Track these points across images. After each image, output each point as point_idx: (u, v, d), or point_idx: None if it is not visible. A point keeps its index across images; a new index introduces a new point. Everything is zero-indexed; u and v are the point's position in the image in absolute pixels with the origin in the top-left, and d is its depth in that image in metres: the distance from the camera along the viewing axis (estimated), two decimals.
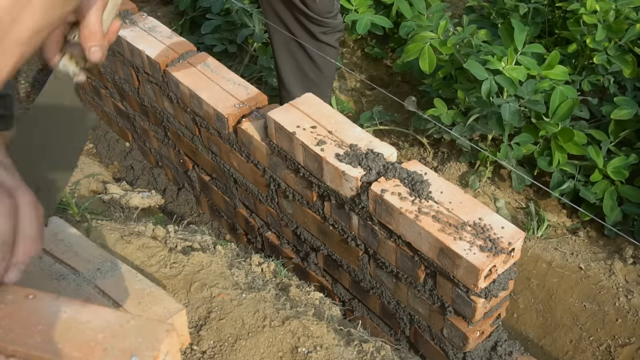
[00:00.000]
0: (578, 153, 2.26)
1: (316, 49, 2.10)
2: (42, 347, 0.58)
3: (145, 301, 1.07)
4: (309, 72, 2.16)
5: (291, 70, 2.17)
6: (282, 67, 2.17)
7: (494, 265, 1.25)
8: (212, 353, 1.22)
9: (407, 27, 2.66)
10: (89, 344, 0.58)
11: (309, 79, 2.18)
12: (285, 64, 2.16)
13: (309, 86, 2.15)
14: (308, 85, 2.16)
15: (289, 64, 2.16)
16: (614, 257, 2.11)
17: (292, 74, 2.17)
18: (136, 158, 2.53)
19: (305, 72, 2.16)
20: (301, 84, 2.17)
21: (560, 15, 2.68)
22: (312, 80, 2.18)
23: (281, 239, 1.93)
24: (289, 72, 2.17)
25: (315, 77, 2.18)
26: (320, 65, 2.15)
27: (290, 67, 2.16)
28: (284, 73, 2.18)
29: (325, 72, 2.19)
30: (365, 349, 1.31)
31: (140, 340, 0.57)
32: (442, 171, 2.51)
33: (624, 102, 2.25)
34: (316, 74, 2.17)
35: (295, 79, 2.17)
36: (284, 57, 2.15)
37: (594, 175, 2.25)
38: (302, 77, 2.17)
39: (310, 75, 2.17)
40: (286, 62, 2.16)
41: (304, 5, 1.98)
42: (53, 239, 1.18)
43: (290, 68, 2.16)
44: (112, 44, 0.93)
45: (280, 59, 2.16)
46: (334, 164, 1.44)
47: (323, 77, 2.19)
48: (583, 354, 1.90)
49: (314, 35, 2.07)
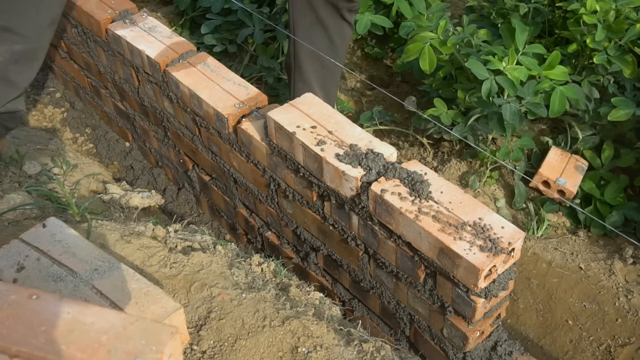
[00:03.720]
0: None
1: (338, 29, 2.11)
2: (46, 348, 0.58)
3: (142, 301, 1.07)
4: (325, 54, 2.16)
5: (309, 56, 2.17)
6: (300, 52, 2.17)
7: (494, 265, 1.25)
8: (212, 353, 1.22)
9: (407, 27, 2.66)
10: (93, 345, 0.58)
11: (324, 65, 2.18)
12: (304, 48, 2.15)
13: (324, 72, 2.17)
14: (323, 72, 2.18)
15: (308, 50, 2.15)
16: (614, 257, 2.11)
17: (309, 59, 2.18)
18: (136, 158, 2.53)
19: (322, 59, 2.16)
20: (319, 71, 2.18)
21: (560, 15, 2.68)
22: (327, 66, 2.19)
23: (281, 239, 1.93)
24: (306, 57, 2.17)
25: (330, 63, 2.18)
26: (338, 48, 2.17)
27: (309, 52, 2.16)
28: (302, 60, 2.18)
29: (339, 54, 2.20)
30: (365, 349, 1.31)
31: (144, 343, 0.57)
32: (442, 171, 2.51)
33: (622, 102, 2.25)
34: (333, 57, 2.17)
35: (313, 64, 2.18)
36: (303, 42, 2.14)
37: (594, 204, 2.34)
38: (320, 64, 2.18)
39: (326, 62, 2.17)
40: (305, 48, 2.15)
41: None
42: (51, 240, 1.18)
43: (308, 53, 2.16)
44: (112, 44, 0.94)
45: (300, 44, 2.15)
46: (334, 164, 1.44)
47: (338, 58, 2.20)
48: (583, 354, 1.91)
49: (340, 12, 2.08)
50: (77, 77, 2.63)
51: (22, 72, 1.79)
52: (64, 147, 2.40)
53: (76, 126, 2.65)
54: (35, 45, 1.77)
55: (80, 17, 2.23)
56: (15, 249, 1.15)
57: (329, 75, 2.19)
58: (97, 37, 2.19)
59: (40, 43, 1.80)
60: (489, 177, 2.46)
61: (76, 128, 2.65)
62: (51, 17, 1.78)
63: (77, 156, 2.40)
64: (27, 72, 1.82)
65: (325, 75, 2.16)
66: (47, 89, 2.81)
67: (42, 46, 1.82)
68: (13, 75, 1.76)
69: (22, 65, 1.77)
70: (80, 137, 2.61)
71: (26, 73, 1.81)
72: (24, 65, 1.78)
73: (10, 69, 1.74)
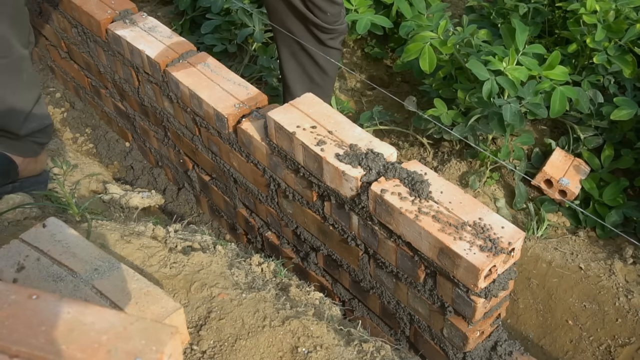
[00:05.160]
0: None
1: (322, 53, 2.14)
2: (46, 348, 0.58)
3: (142, 301, 1.07)
4: (314, 76, 2.19)
5: (297, 76, 2.20)
6: (288, 73, 2.21)
7: (494, 265, 1.25)
8: (212, 353, 1.22)
9: (407, 27, 2.66)
10: (93, 345, 0.58)
11: (314, 82, 2.21)
12: (291, 70, 2.19)
13: (314, 89, 2.17)
14: (313, 88, 2.19)
15: (295, 70, 2.19)
16: (614, 257, 2.11)
17: (298, 80, 2.21)
18: (136, 158, 2.53)
19: (312, 76, 2.20)
20: (307, 88, 2.20)
21: (560, 15, 2.68)
22: (317, 83, 2.22)
23: (281, 239, 1.93)
24: (295, 78, 2.21)
25: (320, 80, 2.21)
26: (325, 68, 2.19)
27: (296, 72, 2.19)
28: (290, 80, 2.22)
29: (329, 74, 2.22)
30: (365, 349, 1.31)
31: (144, 342, 0.57)
32: (442, 171, 2.51)
33: (624, 102, 2.25)
34: (321, 76, 2.21)
35: (302, 84, 2.21)
36: (290, 64, 2.18)
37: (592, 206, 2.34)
38: (308, 82, 2.21)
39: (315, 79, 2.20)
40: (292, 69, 2.19)
41: (315, 16, 2.01)
42: (51, 240, 1.18)
43: (296, 74, 2.20)
44: (112, 44, 0.93)
45: (287, 66, 2.19)
46: (334, 164, 1.44)
47: (328, 78, 2.23)
48: (583, 354, 1.91)
49: (322, 41, 2.11)
50: (77, 77, 2.63)
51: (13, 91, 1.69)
52: (64, 147, 2.41)
53: (76, 126, 2.66)
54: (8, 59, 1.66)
55: (80, 17, 2.23)
56: (15, 249, 1.15)
57: (318, 89, 2.19)
58: (97, 37, 2.19)
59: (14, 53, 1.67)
60: (489, 177, 2.46)
61: (76, 128, 2.65)
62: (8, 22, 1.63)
63: (77, 156, 2.40)
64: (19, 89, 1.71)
65: (314, 89, 2.16)
66: (47, 89, 2.81)
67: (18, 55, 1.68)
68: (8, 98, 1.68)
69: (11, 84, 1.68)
70: (80, 137, 2.61)
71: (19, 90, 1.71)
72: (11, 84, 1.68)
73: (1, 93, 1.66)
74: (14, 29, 1.66)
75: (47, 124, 1.82)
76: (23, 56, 1.71)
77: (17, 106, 1.71)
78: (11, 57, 1.67)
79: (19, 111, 1.72)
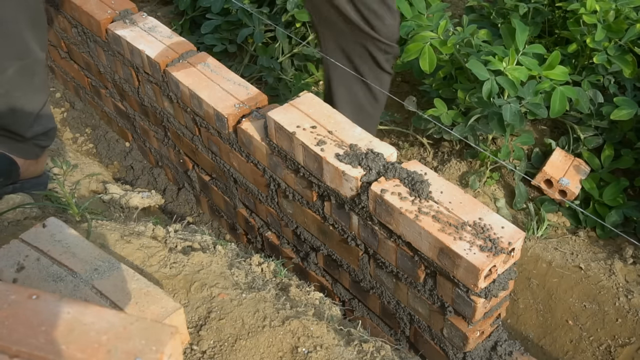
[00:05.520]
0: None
1: (376, 79, 2.00)
2: (46, 348, 0.58)
3: (142, 301, 1.07)
4: (365, 104, 2.06)
5: (348, 105, 2.05)
6: (339, 102, 2.05)
7: (494, 265, 1.25)
8: (212, 353, 1.22)
9: (407, 27, 2.66)
10: (93, 345, 0.58)
11: (365, 111, 2.08)
12: (342, 99, 2.05)
13: (364, 117, 2.06)
14: (363, 117, 2.06)
15: (346, 99, 2.05)
16: (614, 257, 2.11)
17: (348, 108, 2.05)
18: (136, 158, 2.53)
19: (362, 105, 2.06)
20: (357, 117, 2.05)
21: (560, 15, 2.68)
22: (367, 111, 2.09)
23: (281, 239, 1.93)
24: (345, 106, 2.05)
25: (371, 108, 2.08)
26: (377, 95, 2.06)
27: (348, 101, 2.05)
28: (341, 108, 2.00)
29: (380, 101, 2.09)
30: (365, 349, 1.31)
31: (144, 342, 0.57)
32: (442, 171, 2.51)
33: (624, 102, 2.25)
34: (372, 104, 2.07)
35: (353, 113, 2.02)
36: (341, 93, 2.04)
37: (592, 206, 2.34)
38: (358, 110, 2.07)
39: (366, 108, 2.07)
40: (343, 98, 2.05)
41: (372, 29, 1.86)
42: (51, 240, 1.18)
43: (347, 102, 2.05)
44: (112, 44, 0.92)
45: (338, 94, 2.05)
46: (334, 164, 1.44)
47: (377, 106, 2.09)
48: (583, 354, 1.91)
49: (379, 63, 1.97)
50: (77, 77, 2.63)
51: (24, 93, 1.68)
52: (64, 147, 2.41)
53: (76, 126, 2.66)
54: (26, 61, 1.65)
55: (80, 17, 2.23)
56: (15, 248, 1.15)
57: (368, 118, 2.09)
58: (97, 37, 2.19)
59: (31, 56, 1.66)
60: (489, 177, 2.46)
61: (76, 128, 2.65)
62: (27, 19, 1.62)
63: (77, 156, 2.40)
64: (30, 92, 1.69)
65: (364, 118, 2.05)
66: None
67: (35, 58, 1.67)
68: (19, 101, 1.67)
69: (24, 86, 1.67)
70: (80, 137, 2.61)
71: (30, 93, 1.69)
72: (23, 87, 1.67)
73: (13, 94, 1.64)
74: (33, 30, 1.64)
75: (50, 127, 1.81)
76: (39, 59, 1.69)
77: (27, 109, 1.70)
78: (28, 60, 1.65)
79: (28, 114, 1.71)
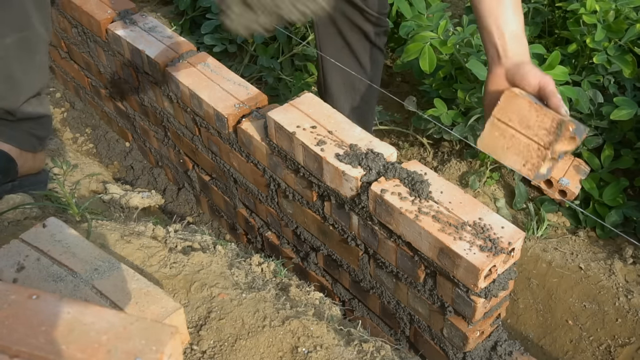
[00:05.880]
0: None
1: (368, 55, 2.03)
2: (46, 348, 0.58)
3: (142, 301, 1.07)
4: (358, 84, 2.08)
5: (341, 83, 2.08)
6: (331, 80, 2.08)
7: (494, 265, 1.25)
8: (212, 353, 1.23)
9: (407, 27, 2.66)
10: (93, 345, 0.58)
11: (358, 92, 2.10)
12: (334, 76, 2.07)
13: (359, 102, 2.09)
14: (358, 100, 2.10)
15: (339, 76, 2.07)
16: (614, 257, 2.11)
17: (341, 89, 2.09)
18: (136, 158, 2.53)
19: (357, 87, 2.08)
20: (351, 101, 2.09)
21: (560, 15, 2.68)
22: (360, 91, 2.10)
23: (281, 239, 1.93)
24: (338, 85, 2.09)
25: (364, 88, 2.10)
26: (370, 75, 2.08)
27: (340, 79, 2.07)
28: (333, 89, 2.10)
29: (374, 81, 2.11)
30: (365, 349, 1.31)
31: (144, 342, 0.57)
32: (442, 171, 2.51)
33: (624, 102, 2.25)
34: (365, 85, 2.09)
35: (346, 93, 2.09)
36: (333, 69, 2.05)
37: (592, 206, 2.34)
38: (351, 91, 2.09)
39: (360, 89, 2.09)
40: (335, 74, 2.07)
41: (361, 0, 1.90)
42: (51, 240, 1.18)
43: (339, 81, 2.08)
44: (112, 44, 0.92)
45: (329, 71, 2.06)
46: (334, 164, 1.44)
47: (371, 89, 2.11)
48: (583, 354, 1.91)
49: (368, 36, 2.00)
50: (77, 77, 2.63)
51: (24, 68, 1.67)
52: (64, 147, 2.40)
53: (76, 126, 2.66)
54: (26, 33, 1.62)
55: (80, 17, 2.23)
56: (15, 248, 1.15)
57: (363, 104, 2.10)
58: (97, 37, 2.19)
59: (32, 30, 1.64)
60: (489, 177, 2.46)
61: (76, 128, 2.65)
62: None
63: (77, 156, 2.40)
64: (31, 70, 1.69)
65: (360, 104, 2.08)
66: (47, 89, 2.81)
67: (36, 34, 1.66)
68: (17, 73, 1.66)
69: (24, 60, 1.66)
70: (80, 137, 2.61)
71: (30, 71, 1.69)
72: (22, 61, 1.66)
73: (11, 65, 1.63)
74: (37, 9, 1.63)
75: (42, 114, 1.78)
76: (41, 37, 1.68)
77: (23, 85, 1.69)
78: (28, 33, 1.63)
79: (23, 90, 1.69)
